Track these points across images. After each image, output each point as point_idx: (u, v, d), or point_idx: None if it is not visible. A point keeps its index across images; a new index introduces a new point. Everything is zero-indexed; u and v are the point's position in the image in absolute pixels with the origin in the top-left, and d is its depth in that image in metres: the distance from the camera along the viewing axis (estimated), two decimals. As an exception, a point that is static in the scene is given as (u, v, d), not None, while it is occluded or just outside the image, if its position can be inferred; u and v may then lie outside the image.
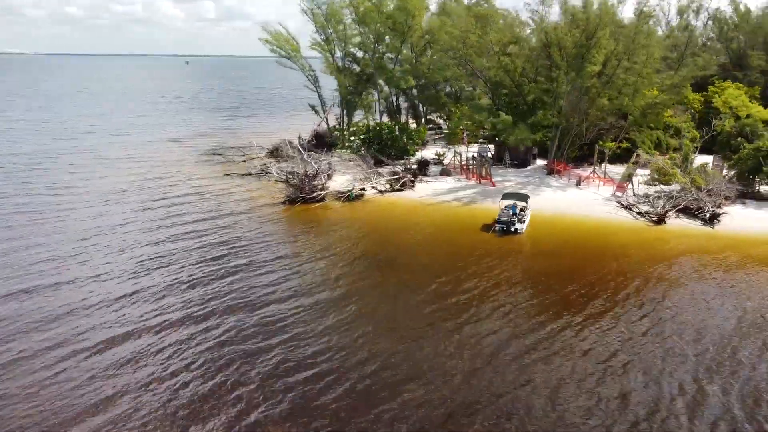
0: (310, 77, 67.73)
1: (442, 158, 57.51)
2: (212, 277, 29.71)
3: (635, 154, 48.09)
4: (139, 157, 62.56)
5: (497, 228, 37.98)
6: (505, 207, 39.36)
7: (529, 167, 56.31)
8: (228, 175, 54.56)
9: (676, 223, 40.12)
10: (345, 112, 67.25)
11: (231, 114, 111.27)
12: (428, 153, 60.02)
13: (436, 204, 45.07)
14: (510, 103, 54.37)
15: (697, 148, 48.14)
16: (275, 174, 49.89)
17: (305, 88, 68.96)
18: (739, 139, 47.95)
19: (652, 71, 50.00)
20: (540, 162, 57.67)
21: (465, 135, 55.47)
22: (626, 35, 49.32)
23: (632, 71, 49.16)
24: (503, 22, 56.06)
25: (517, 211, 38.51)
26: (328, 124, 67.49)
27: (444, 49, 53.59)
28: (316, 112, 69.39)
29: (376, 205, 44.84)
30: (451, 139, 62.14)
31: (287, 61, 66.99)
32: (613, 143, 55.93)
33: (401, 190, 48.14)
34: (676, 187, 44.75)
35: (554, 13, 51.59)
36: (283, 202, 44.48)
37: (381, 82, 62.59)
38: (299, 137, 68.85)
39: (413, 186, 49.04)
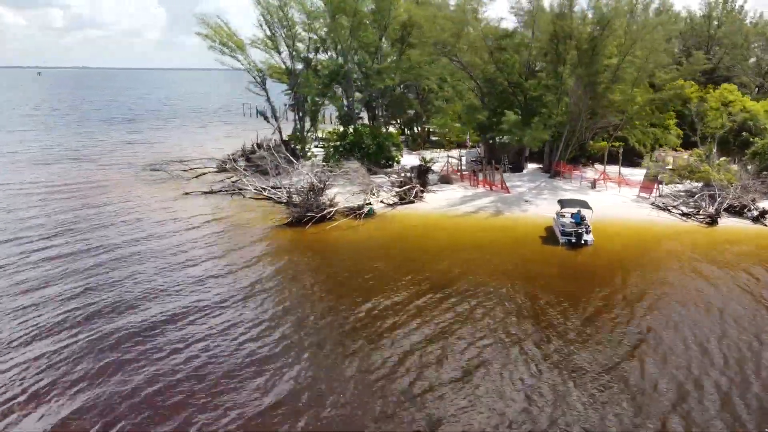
0: (257, 78, 59.14)
1: (430, 164, 51.69)
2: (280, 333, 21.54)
3: (654, 153, 45.60)
4: (53, 180, 49.79)
5: (563, 240, 32.90)
6: (566, 216, 34.48)
7: (524, 171, 52.21)
8: (187, 194, 44.70)
9: (726, 223, 37.55)
10: (302, 118, 59.40)
11: (132, 127, 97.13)
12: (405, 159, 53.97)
13: (464, 216, 39.17)
14: (504, 102, 49.90)
15: (714, 143, 46.48)
16: (253, 190, 41.36)
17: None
18: (744, 134, 47.14)
19: (656, 65, 47.93)
20: (532, 165, 53.85)
21: (468, 138, 50.17)
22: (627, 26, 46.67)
23: (634, 65, 46.66)
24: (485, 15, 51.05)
25: (580, 220, 33.67)
26: (281, 133, 59.11)
27: (434, 44, 47.81)
28: (267, 119, 60.79)
29: (397, 221, 38.01)
30: (417, 144, 56.86)
31: (230, 61, 58.21)
32: (605, 142, 53.64)
33: (412, 202, 41.72)
34: (693, 185, 42.88)
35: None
36: (288, 224, 36.24)
37: (349, 82, 55.38)
38: (243, 148, 60.03)
39: (422, 197, 42.80)
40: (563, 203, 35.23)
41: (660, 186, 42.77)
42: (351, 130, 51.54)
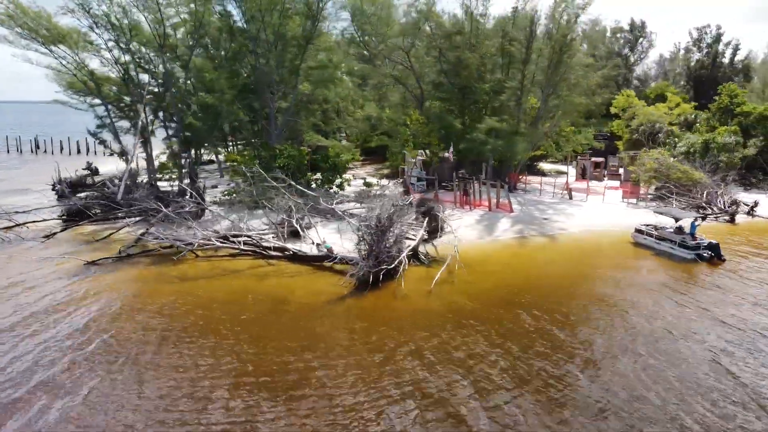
0: (92, 84, 39.51)
1: (375, 188, 41.15)
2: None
3: (628, 156, 44.27)
4: None
5: (692, 256, 27.80)
6: (674, 228, 29.46)
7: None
8: (93, 263, 25.78)
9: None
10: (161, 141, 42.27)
11: None
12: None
13: (523, 245, 30.95)
14: (451, 110, 42.87)
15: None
16: (217, 244, 26.03)
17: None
18: (659, 135, 49.34)
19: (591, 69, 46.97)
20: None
21: (451, 152, 40.22)
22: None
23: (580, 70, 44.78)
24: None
25: (695, 230, 29.04)
26: (129, 162, 40.14)
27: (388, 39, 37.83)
28: (105, 146, 41.91)
29: (489, 264, 27.26)
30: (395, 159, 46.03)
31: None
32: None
33: (437, 236, 31.30)
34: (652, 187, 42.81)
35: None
36: (357, 288, 22.77)
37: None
38: (58, 182, 40.32)
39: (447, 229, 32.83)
40: (673, 215, 30.09)
41: (642, 190, 41.52)
42: (284, 148, 37.49)
